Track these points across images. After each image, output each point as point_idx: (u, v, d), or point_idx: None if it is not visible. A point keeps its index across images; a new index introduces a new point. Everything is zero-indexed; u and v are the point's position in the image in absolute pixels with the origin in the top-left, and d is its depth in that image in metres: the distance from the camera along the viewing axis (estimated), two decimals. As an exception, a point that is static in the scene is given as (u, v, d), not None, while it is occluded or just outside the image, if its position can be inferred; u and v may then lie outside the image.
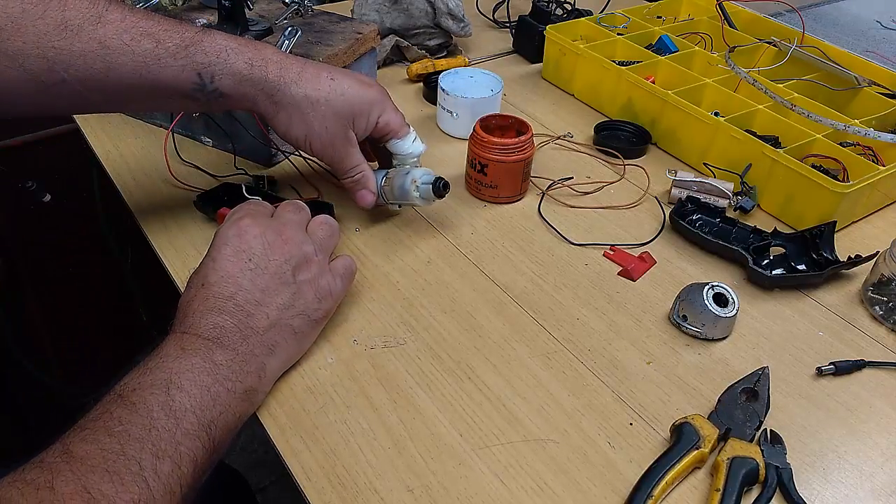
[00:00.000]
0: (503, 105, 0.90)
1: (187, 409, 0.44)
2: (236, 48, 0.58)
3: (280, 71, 0.60)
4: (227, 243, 0.53)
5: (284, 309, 0.52)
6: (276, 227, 0.55)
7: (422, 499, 0.47)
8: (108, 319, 1.39)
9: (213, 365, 0.47)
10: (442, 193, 0.66)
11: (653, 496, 0.47)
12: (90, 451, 0.40)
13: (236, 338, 0.49)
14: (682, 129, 0.83)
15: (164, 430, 0.43)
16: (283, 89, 0.60)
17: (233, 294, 0.51)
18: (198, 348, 0.48)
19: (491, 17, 1.17)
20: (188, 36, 0.56)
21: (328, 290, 0.56)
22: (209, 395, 0.46)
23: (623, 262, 0.68)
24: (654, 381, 0.57)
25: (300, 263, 0.54)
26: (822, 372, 0.58)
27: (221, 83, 0.58)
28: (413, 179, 0.66)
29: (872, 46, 1.14)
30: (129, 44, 0.54)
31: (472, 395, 0.54)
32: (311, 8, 0.84)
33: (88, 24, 0.53)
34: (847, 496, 0.49)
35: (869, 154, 0.78)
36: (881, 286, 0.64)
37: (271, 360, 0.52)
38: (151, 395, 0.44)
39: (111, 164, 0.77)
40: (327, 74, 0.62)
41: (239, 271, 0.52)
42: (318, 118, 0.61)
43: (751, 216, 0.76)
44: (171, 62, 0.55)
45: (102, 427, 0.42)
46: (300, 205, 0.59)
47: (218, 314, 0.50)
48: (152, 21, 0.56)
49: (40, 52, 0.51)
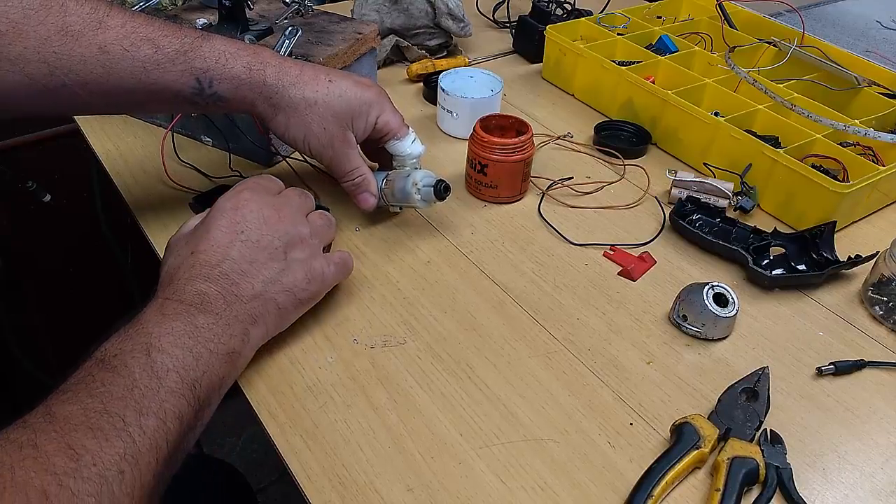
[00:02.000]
0: (503, 105, 0.90)
1: (169, 369, 0.45)
2: (234, 52, 0.59)
3: (278, 74, 0.60)
4: (224, 215, 0.53)
5: (270, 283, 0.53)
6: (275, 205, 0.55)
7: (422, 498, 0.47)
8: (108, 319, 1.39)
9: (195, 328, 0.48)
10: (443, 196, 0.66)
11: (653, 496, 0.47)
12: (73, 410, 0.40)
13: (220, 304, 0.50)
14: (682, 129, 0.83)
15: (147, 389, 0.43)
16: (282, 92, 0.60)
17: (219, 262, 0.51)
18: (179, 313, 0.48)
19: (491, 17, 1.17)
20: (187, 41, 0.57)
21: (320, 272, 0.56)
22: (191, 356, 0.46)
23: (623, 262, 0.68)
24: (654, 381, 0.57)
25: (293, 242, 0.55)
26: (822, 372, 0.58)
27: (220, 87, 0.58)
28: (414, 182, 0.66)
29: (872, 46, 1.14)
30: (128, 49, 0.54)
31: (472, 394, 0.54)
32: (311, 8, 0.84)
33: (89, 29, 0.53)
34: (847, 496, 0.49)
35: (869, 154, 0.78)
36: (881, 286, 0.64)
37: (254, 329, 0.52)
38: (132, 359, 0.44)
39: (111, 164, 0.77)
40: (325, 76, 0.62)
41: (229, 242, 0.52)
42: (317, 119, 0.62)
43: (751, 216, 0.76)
44: (170, 67, 0.56)
45: (84, 389, 0.42)
46: (307, 193, 0.60)
47: (203, 281, 0.50)
48: (152, 26, 0.56)
49: (41, 57, 0.52)
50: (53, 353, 1.34)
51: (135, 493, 0.39)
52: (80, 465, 0.37)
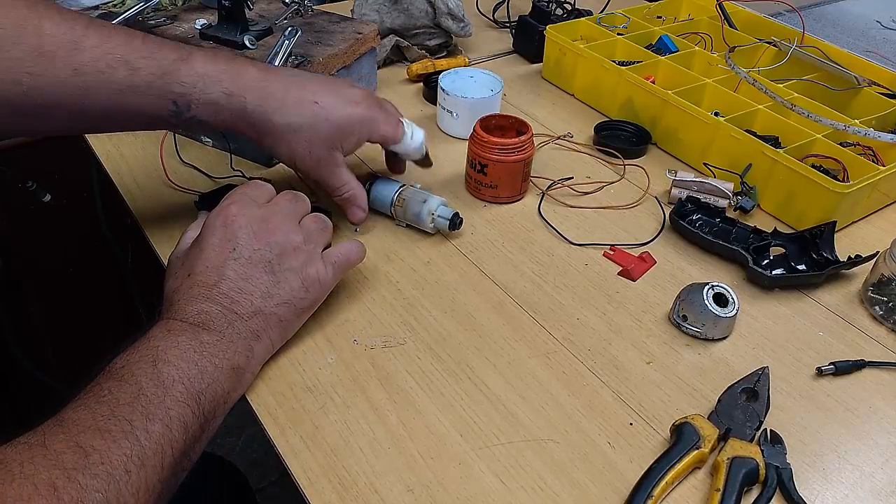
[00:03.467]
0: (503, 105, 0.90)
1: (175, 380, 0.46)
2: (214, 77, 0.57)
3: (259, 99, 0.58)
4: (215, 233, 0.54)
5: (268, 297, 0.53)
6: (262, 216, 0.55)
7: (422, 499, 0.47)
8: (108, 319, 1.39)
9: (200, 343, 0.48)
10: (457, 228, 0.68)
11: (653, 496, 0.47)
12: (81, 415, 0.41)
13: (222, 322, 0.50)
14: (682, 129, 0.83)
15: (154, 396, 0.44)
16: (264, 118, 0.59)
17: (216, 283, 0.52)
18: (184, 330, 0.49)
19: (491, 17, 1.17)
20: (165, 63, 0.55)
21: (316, 278, 0.56)
22: (196, 368, 0.47)
23: (623, 262, 0.68)
24: (654, 381, 0.57)
25: (285, 252, 0.55)
26: (822, 372, 0.58)
27: (198, 112, 0.57)
28: (430, 210, 0.67)
29: (872, 46, 1.14)
30: (103, 71, 0.53)
31: (472, 395, 0.54)
32: (311, 8, 0.84)
33: (63, 50, 0.52)
34: (847, 496, 0.49)
35: (869, 154, 0.78)
36: (881, 286, 0.64)
37: (257, 345, 0.53)
38: (139, 369, 0.45)
39: (111, 164, 0.77)
40: (311, 97, 0.60)
41: (223, 261, 0.52)
42: (303, 144, 0.61)
43: (751, 216, 0.76)
44: (146, 90, 0.55)
45: (93, 397, 0.43)
46: (299, 195, 0.59)
47: (203, 301, 0.51)
48: (129, 47, 0.54)
49: (14, 78, 0.51)
50: (53, 353, 1.34)
51: (140, 494, 0.40)
52: (89, 463, 0.38)
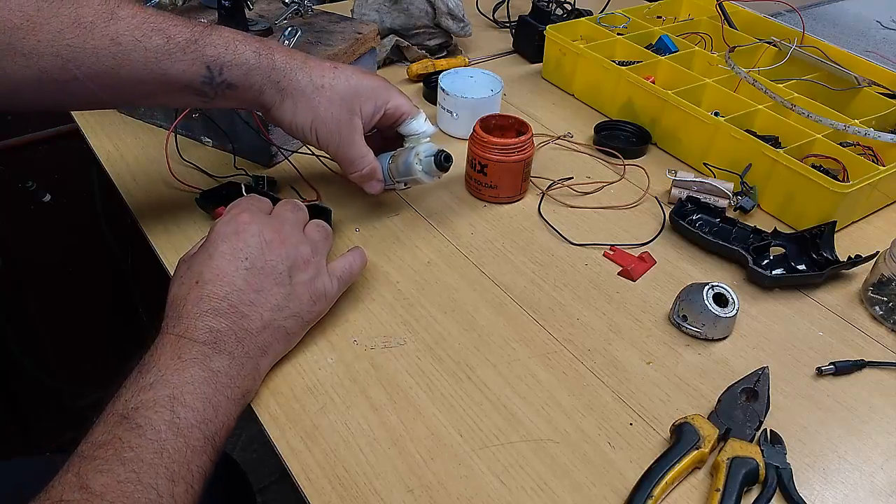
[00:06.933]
0: (503, 105, 0.90)
1: (192, 426, 0.45)
2: (243, 39, 0.59)
3: (286, 59, 0.61)
4: (225, 240, 0.53)
5: (278, 310, 0.53)
6: (273, 225, 0.55)
7: (422, 499, 0.47)
8: (108, 319, 1.39)
9: (212, 373, 0.48)
10: (444, 166, 0.66)
11: (653, 496, 0.47)
12: (107, 483, 0.40)
13: (231, 341, 0.50)
14: (682, 129, 0.83)
15: (175, 451, 0.43)
16: (290, 75, 0.61)
17: (226, 294, 0.51)
18: (195, 357, 0.48)
19: (491, 17, 1.17)
20: (197, 30, 0.57)
21: (322, 291, 0.56)
22: (211, 407, 0.47)
23: (623, 262, 0.68)
24: (654, 381, 0.57)
25: (296, 264, 0.55)
26: (822, 372, 0.58)
27: (230, 74, 0.58)
28: (416, 153, 0.66)
29: (872, 46, 1.14)
30: (140, 39, 0.55)
31: (472, 395, 0.54)
32: (310, 8, 0.84)
33: (101, 20, 0.53)
34: (847, 496, 0.49)
35: (869, 154, 0.78)
36: (881, 286, 0.64)
37: (263, 360, 0.53)
38: (156, 414, 0.44)
39: (111, 164, 0.77)
40: (330, 64, 0.63)
41: (234, 270, 0.52)
42: (324, 102, 0.62)
43: (751, 216, 0.76)
44: (180, 56, 0.56)
45: (114, 455, 0.42)
46: (298, 204, 0.60)
47: (213, 316, 0.50)
48: (162, 17, 0.56)
49: (54, 51, 0.52)
50: (53, 352, 1.34)
51: None
52: None
